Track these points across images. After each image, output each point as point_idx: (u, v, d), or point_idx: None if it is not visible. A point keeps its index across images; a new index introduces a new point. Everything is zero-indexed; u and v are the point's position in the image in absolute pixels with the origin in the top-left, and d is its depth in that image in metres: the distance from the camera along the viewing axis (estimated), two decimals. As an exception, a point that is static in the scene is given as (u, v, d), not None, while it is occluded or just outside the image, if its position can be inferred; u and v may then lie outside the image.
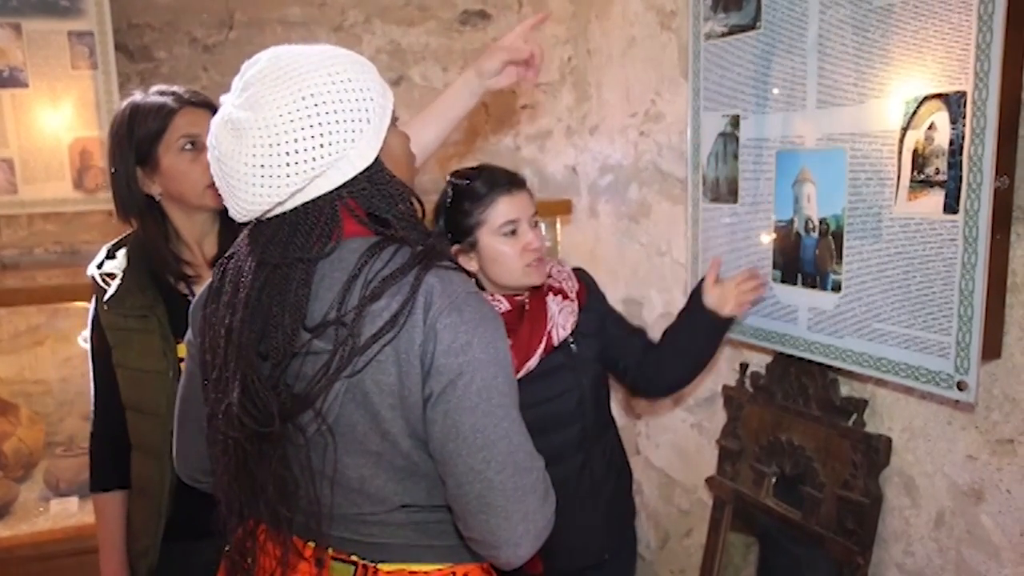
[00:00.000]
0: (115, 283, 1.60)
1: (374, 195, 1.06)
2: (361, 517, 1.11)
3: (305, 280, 1.03)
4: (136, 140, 1.55)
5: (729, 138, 1.86)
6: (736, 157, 1.84)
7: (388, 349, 1.00)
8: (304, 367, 1.04)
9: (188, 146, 1.56)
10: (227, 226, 1.66)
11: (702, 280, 1.81)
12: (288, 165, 0.98)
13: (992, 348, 1.38)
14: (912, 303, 1.45)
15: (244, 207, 1.03)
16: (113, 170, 1.59)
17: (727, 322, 1.77)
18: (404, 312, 0.99)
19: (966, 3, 1.31)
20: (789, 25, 1.66)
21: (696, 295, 1.80)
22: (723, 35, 1.85)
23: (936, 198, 1.38)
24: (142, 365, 1.58)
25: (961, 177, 1.34)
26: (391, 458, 1.06)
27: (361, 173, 1.04)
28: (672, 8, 2.23)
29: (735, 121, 1.84)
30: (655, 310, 2.40)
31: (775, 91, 1.71)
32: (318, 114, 0.99)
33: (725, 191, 1.89)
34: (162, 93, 1.59)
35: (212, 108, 1.61)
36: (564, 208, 2.80)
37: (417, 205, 1.12)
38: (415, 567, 1.12)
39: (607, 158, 2.61)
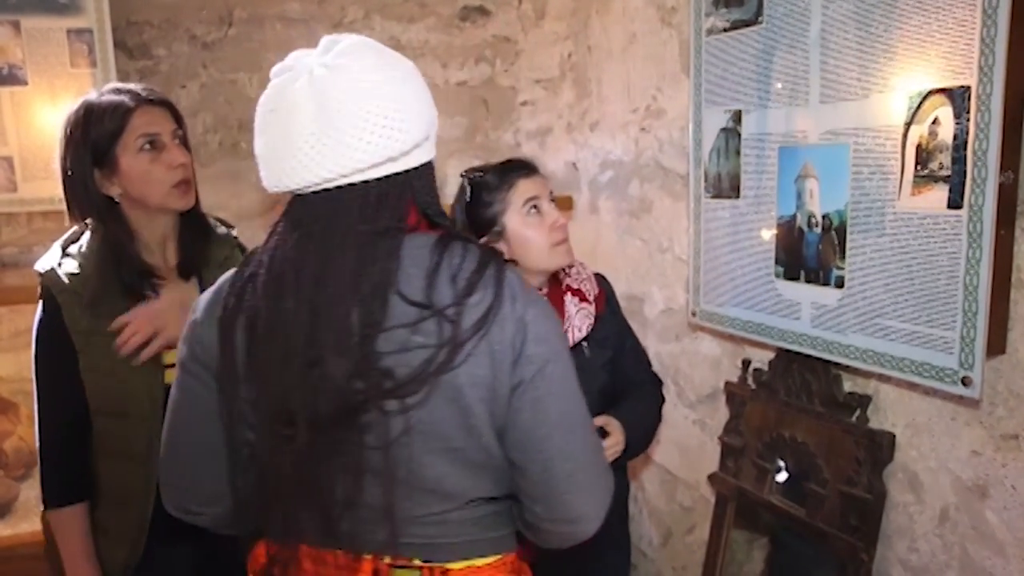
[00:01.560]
0: (89, 285, 1.52)
1: (428, 189, 1.09)
2: (425, 518, 1.09)
3: (394, 252, 1.03)
4: (92, 140, 1.50)
5: (731, 133, 1.85)
6: (738, 153, 1.84)
7: (482, 342, 1.01)
8: (395, 360, 1.01)
9: (147, 146, 1.52)
10: (189, 232, 1.64)
11: None
12: (407, 121, 1.01)
13: (997, 344, 1.38)
14: (916, 299, 1.44)
15: (343, 162, 0.99)
16: (69, 172, 1.53)
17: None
18: (496, 305, 1.01)
19: (970, -3, 1.30)
20: (791, 20, 1.65)
21: None
22: (725, 30, 1.85)
23: (940, 193, 1.38)
24: (124, 367, 1.52)
25: (965, 172, 1.33)
26: (471, 453, 1.06)
27: (426, 163, 1.09)
28: (673, 4, 2.22)
29: (737, 117, 1.83)
30: (656, 306, 2.40)
31: (777, 86, 1.71)
32: (424, 89, 1.06)
33: (727, 187, 1.88)
34: (118, 91, 1.54)
35: (170, 107, 1.58)
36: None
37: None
38: (479, 562, 1.12)
39: (608, 154, 2.61)
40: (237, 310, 1.06)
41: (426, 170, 1.09)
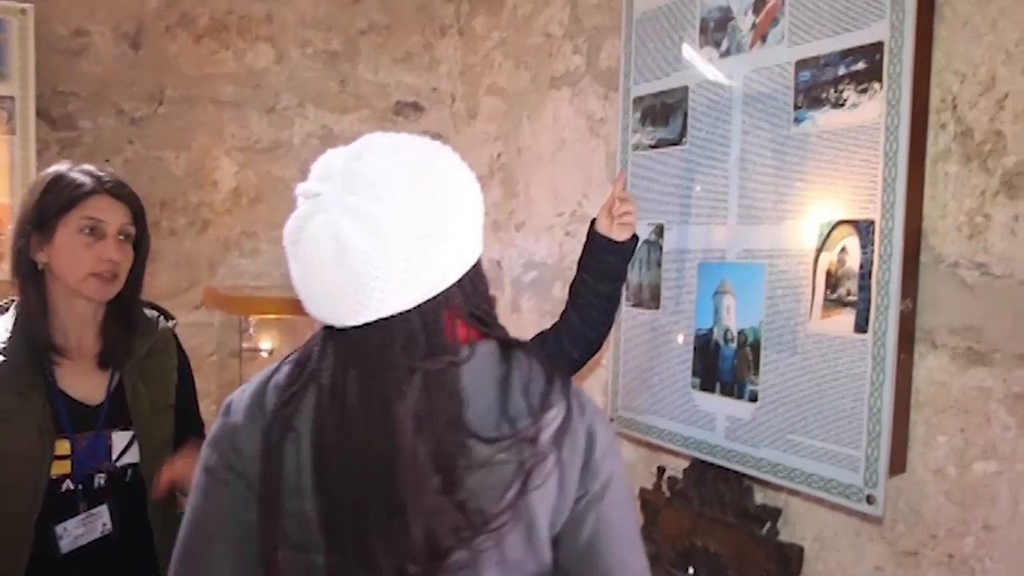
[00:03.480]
0: None
1: (476, 291, 1.02)
2: None
3: (456, 385, 0.96)
4: (43, 205, 1.50)
5: (653, 246, 1.92)
6: (659, 265, 1.91)
7: (557, 457, 0.98)
8: (478, 482, 0.96)
9: (87, 230, 1.50)
10: (112, 322, 1.60)
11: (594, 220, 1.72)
12: (434, 259, 0.93)
13: (898, 463, 1.45)
14: (824, 417, 1.50)
15: (377, 306, 0.93)
16: (16, 228, 1.52)
17: (622, 246, 1.67)
18: (568, 418, 0.99)
19: (873, 140, 1.42)
20: (713, 144, 1.75)
21: (591, 230, 1.71)
22: (650, 147, 1.94)
23: (848, 317, 1.46)
24: (9, 448, 1.44)
25: (870, 299, 1.42)
26: (528, 565, 1.01)
27: (471, 268, 1.00)
28: (602, 116, 2.33)
29: (659, 230, 1.91)
30: (574, 408, 2.41)
31: (699, 205, 1.79)
32: (454, 205, 0.95)
33: (648, 297, 1.94)
34: (89, 173, 1.54)
35: (132, 205, 1.57)
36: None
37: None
38: None
39: (532, 255, 2.66)
40: (288, 426, 0.99)
41: (475, 272, 1.01)
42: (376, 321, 0.94)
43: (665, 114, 1.90)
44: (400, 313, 0.94)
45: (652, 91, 1.94)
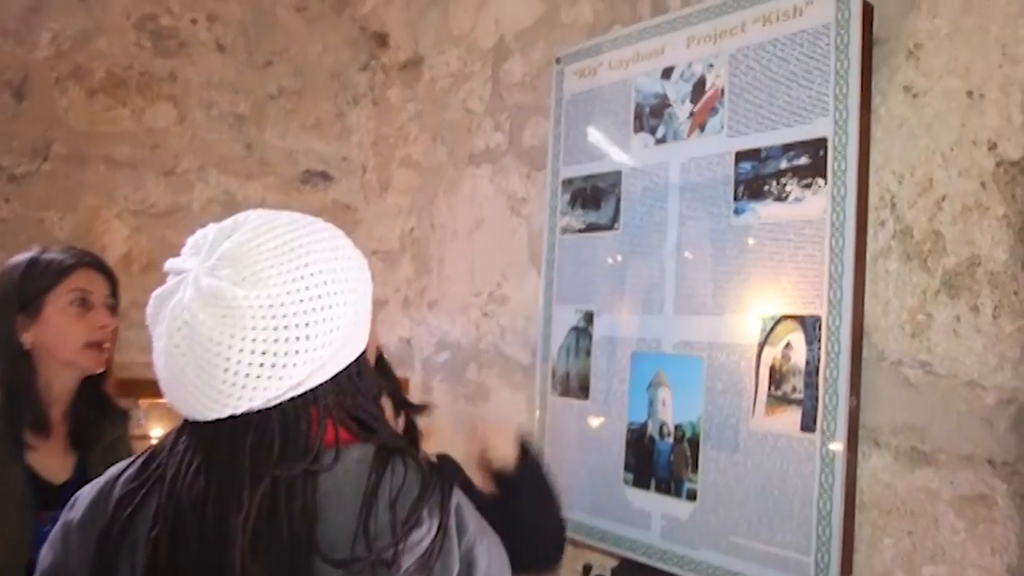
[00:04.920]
0: None
1: (358, 390, 0.91)
2: None
3: (311, 497, 0.84)
4: (25, 286, 1.51)
5: (582, 333, 1.85)
6: (588, 353, 1.83)
7: None
8: None
9: (77, 302, 1.53)
10: (84, 403, 1.58)
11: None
12: (298, 353, 0.82)
13: (845, 567, 1.39)
14: (770, 519, 1.44)
15: (227, 402, 0.82)
16: None
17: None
18: (439, 539, 0.86)
19: (818, 235, 1.40)
20: (648, 231, 1.71)
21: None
22: (580, 231, 1.89)
23: (793, 416, 1.42)
24: None
25: (817, 397, 1.38)
26: None
27: (351, 363, 0.90)
28: (523, 195, 2.28)
29: (589, 317, 1.84)
30: (489, 499, 2.28)
31: (632, 292, 1.74)
32: (329, 294, 0.84)
33: (576, 386, 1.86)
34: (64, 251, 1.57)
35: (108, 273, 1.61)
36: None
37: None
38: None
39: (445, 335, 2.55)
40: (124, 530, 0.87)
41: (357, 367, 0.91)
42: (229, 418, 0.83)
43: (596, 198, 1.85)
44: (257, 411, 0.83)
45: (582, 174, 1.90)
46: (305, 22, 2.82)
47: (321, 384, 0.87)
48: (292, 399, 0.85)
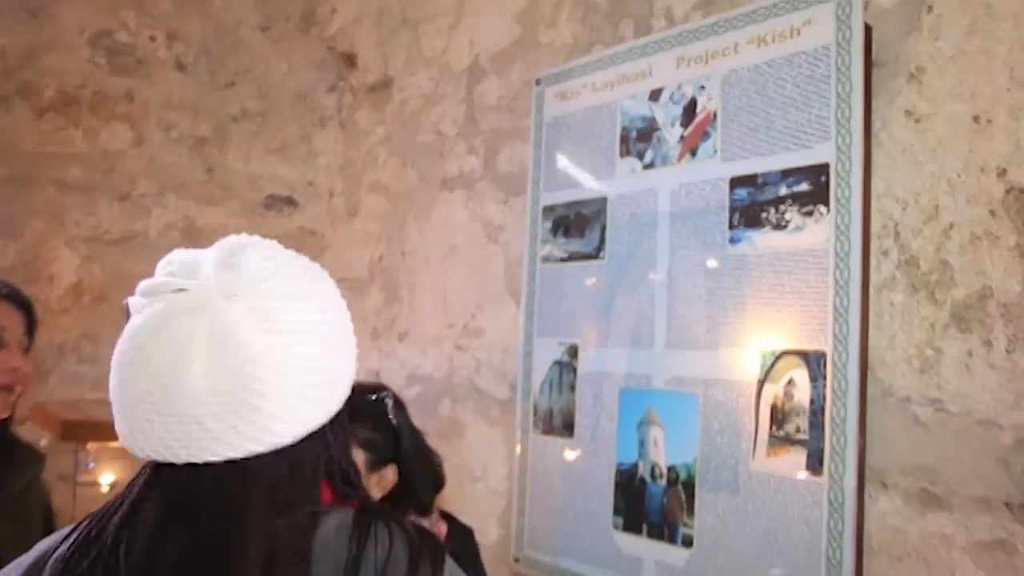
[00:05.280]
0: None
1: (342, 444, 0.85)
2: None
3: (306, 552, 0.75)
4: None
5: (566, 368, 1.76)
6: (573, 389, 1.73)
7: None
8: None
9: None
10: None
11: None
12: (339, 374, 0.80)
13: (852, 619, 1.30)
14: (774, 567, 1.35)
15: (255, 433, 0.74)
16: None
17: None
18: None
19: (821, 266, 1.33)
20: (636, 260, 1.63)
21: None
22: (562, 260, 1.80)
23: (798, 457, 1.33)
24: None
25: (823, 437, 1.30)
26: None
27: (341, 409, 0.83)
28: (500, 222, 2.18)
29: (573, 351, 1.74)
30: (464, 541, 2.16)
31: (620, 325, 1.65)
32: (347, 323, 0.85)
33: (559, 424, 1.76)
34: None
35: (28, 312, 1.45)
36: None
37: None
38: None
39: (416, 368, 2.43)
40: None
41: (339, 420, 0.84)
42: (232, 462, 0.73)
43: (580, 225, 1.77)
44: (271, 452, 0.75)
45: (565, 200, 1.81)
46: (270, 41, 2.72)
47: (323, 426, 0.80)
48: (307, 437, 0.78)
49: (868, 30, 1.36)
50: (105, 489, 2.21)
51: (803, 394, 1.33)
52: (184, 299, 0.75)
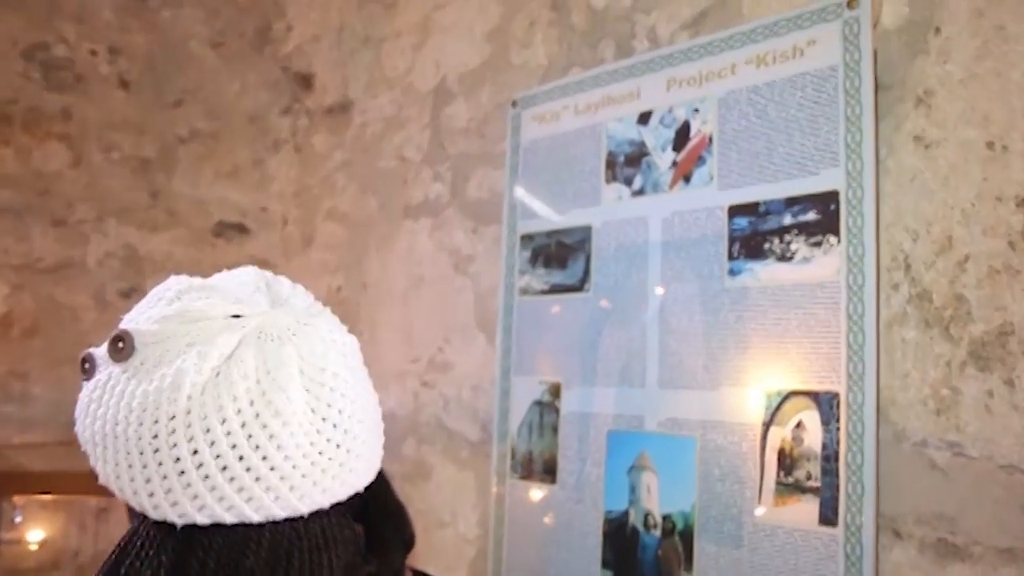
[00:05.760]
0: None
1: None
2: None
3: None
4: None
5: (547, 408, 1.64)
6: (555, 431, 1.61)
7: None
8: None
9: None
10: None
11: None
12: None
13: None
14: (785, 629, 1.24)
15: (349, 480, 0.73)
16: None
17: None
18: None
19: (832, 300, 1.24)
20: (624, 293, 1.52)
21: None
22: (543, 292, 1.69)
23: (809, 506, 1.23)
24: None
25: (838, 486, 1.20)
26: None
27: None
28: (469, 252, 2.06)
29: (555, 390, 1.63)
30: (431, 593, 2.01)
31: (607, 362, 1.54)
32: None
33: (540, 469, 1.63)
34: None
35: None
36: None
37: None
38: None
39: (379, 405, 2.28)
40: None
41: None
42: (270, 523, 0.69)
43: (562, 256, 1.66)
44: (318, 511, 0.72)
45: (544, 229, 1.70)
46: (221, 59, 2.57)
47: None
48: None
49: (875, 51, 1.29)
50: (33, 548, 1.99)
51: (814, 438, 1.23)
52: (238, 324, 0.74)
